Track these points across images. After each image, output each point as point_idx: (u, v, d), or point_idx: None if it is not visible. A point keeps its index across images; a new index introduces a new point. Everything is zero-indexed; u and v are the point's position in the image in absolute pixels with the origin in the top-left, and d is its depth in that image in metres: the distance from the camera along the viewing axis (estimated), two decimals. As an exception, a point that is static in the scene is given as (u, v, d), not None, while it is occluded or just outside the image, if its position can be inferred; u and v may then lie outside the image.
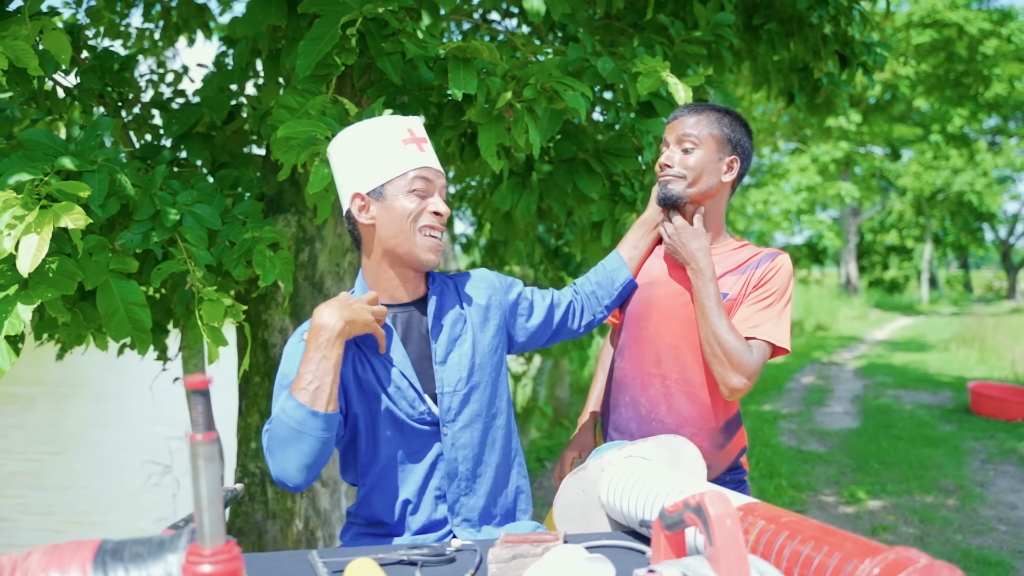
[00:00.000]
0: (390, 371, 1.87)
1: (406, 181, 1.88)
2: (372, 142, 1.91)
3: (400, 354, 1.89)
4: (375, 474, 1.91)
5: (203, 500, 1.07)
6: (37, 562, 1.12)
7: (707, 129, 2.24)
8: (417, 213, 1.86)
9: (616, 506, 1.76)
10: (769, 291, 2.17)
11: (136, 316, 2.53)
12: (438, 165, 1.95)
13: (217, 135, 3.55)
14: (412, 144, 1.91)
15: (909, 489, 5.50)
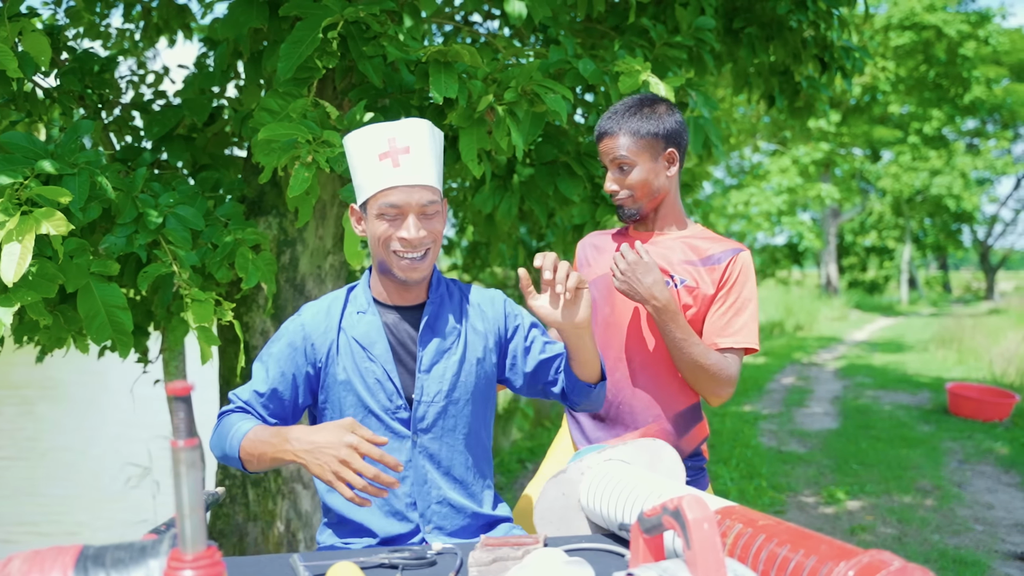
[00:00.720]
0: (373, 365, 1.88)
1: (376, 204, 1.83)
2: (358, 155, 1.87)
3: (384, 350, 1.89)
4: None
5: (185, 506, 1.08)
6: (18, 568, 1.12)
7: (634, 142, 2.22)
8: (386, 239, 1.83)
9: (596, 509, 1.77)
10: (737, 294, 2.22)
11: (117, 319, 2.53)
12: (416, 177, 1.82)
13: (198, 137, 3.55)
14: (388, 159, 1.81)
15: (888, 489, 5.54)
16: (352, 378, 1.88)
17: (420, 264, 1.86)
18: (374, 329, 1.90)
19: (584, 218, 3.61)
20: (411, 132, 1.83)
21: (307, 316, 1.93)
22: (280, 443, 1.65)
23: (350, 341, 1.90)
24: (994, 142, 27.54)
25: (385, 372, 1.88)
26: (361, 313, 1.93)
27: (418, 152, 1.83)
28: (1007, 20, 22.70)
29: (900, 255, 32.95)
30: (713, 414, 8.27)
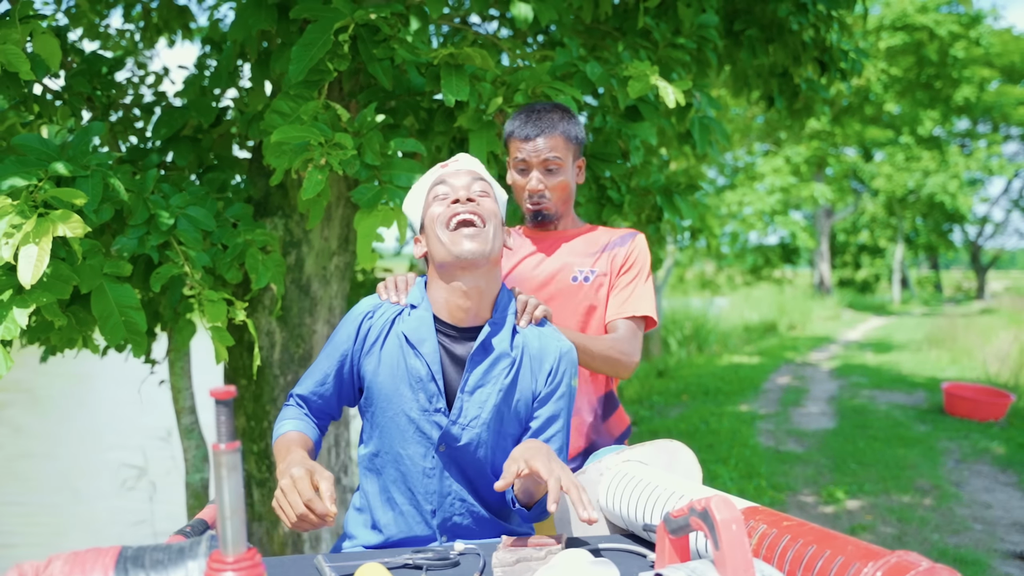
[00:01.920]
0: (418, 363, 1.83)
1: (430, 197, 1.90)
2: (415, 192, 1.97)
3: (433, 349, 1.83)
4: (376, 463, 1.92)
5: (227, 508, 1.10)
6: (59, 569, 1.13)
7: (565, 144, 2.31)
8: (442, 214, 1.84)
9: (615, 510, 1.79)
10: (634, 272, 2.36)
11: (131, 319, 2.54)
12: (465, 167, 1.94)
13: (204, 138, 3.55)
14: (438, 168, 1.95)
15: (886, 489, 5.58)
16: (395, 374, 1.85)
17: (480, 232, 1.81)
18: (425, 326, 1.85)
19: (590, 218, 3.63)
20: (460, 156, 1.99)
21: (368, 307, 1.94)
22: (280, 460, 1.71)
23: (399, 336, 1.87)
24: (985, 143, 27.65)
25: (430, 371, 1.83)
26: (413, 308, 1.89)
27: (466, 161, 1.96)
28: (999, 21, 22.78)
29: (892, 255, 33.05)
30: (710, 413, 8.31)
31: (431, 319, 1.86)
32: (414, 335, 1.84)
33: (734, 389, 10.00)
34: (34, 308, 2.27)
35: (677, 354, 13.73)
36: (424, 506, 1.87)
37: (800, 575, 1.28)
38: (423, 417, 1.84)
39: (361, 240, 2.65)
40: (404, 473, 1.87)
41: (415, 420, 1.84)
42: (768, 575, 1.24)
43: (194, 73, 3.78)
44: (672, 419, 8.19)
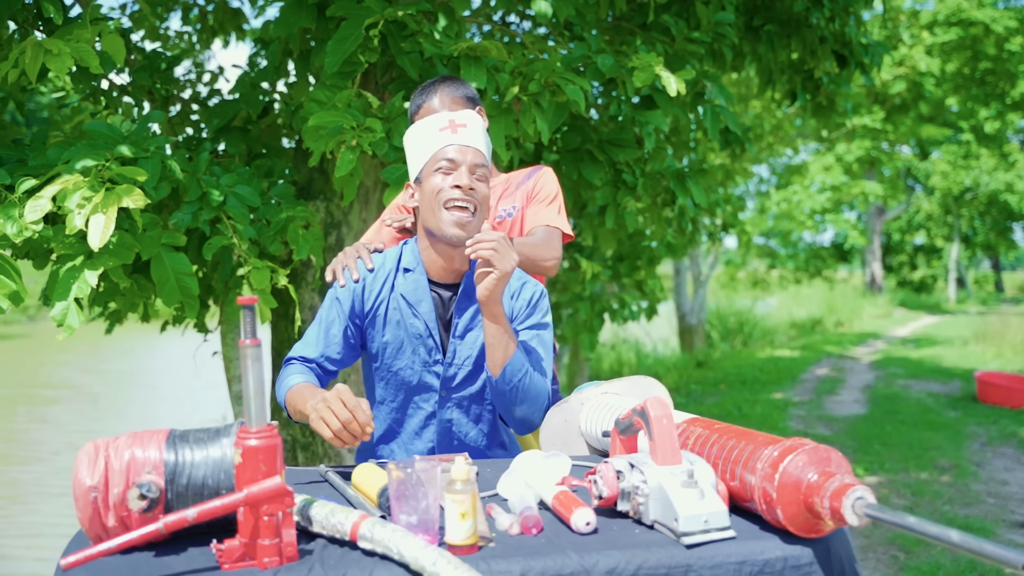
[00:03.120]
0: (416, 321, 2.09)
1: (434, 162, 2.04)
2: (419, 136, 2.11)
3: (429, 309, 2.09)
4: (381, 412, 2.21)
5: (251, 390, 1.40)
6: (124, 442, 1.45)
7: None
8: (440, 189, 2.01)
9: (593, 433, 2.07)
10: (544, 195, 2.59)
11: (185, 284, 2.87)
12: (471, 141, 2.07)
13: (252, 129, 3.89)
14: (447, 131, 2.06)
15: (906, 467, 5.75)
16: (397, 330, 2.10)
17: (470, 220, 2.02)
18: (421, 288, 2.10)
19: (606, 200, 3.90)
20: (470, 118, 2.11)
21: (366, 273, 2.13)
22: (304, 401, 1.88)
23: (398, 297, 2.10)
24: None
25: (427, 328, 2.09)
26: (409, 271, 2.11)
27: (473, 129, 2.10)
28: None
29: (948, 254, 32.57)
30: (744, 400, 8.50)
31: (426, 281, 2.11)
32: (412, 296, 2.10)
33: (771, 379, 10.15)
34: (102, 271, 2.61)
35: (720, 347, 13.87)
36: (424, 448, 2.16)
37: (722, 460, 1.55)
38: (424, 369, 2.12)
39: (388, 205, 2.96)
40: (405, 416, 2.16)
41: (418, 372, 2.12)
42: (693, 461, 1.51)
43: (246, 71, 4.12)
44: (706, 405, 8.41)
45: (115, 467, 1.42)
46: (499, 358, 2.01)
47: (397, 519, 1.43)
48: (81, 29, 2.93)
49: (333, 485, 1.79)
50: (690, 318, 13.42)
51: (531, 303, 2.16)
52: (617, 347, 12.05)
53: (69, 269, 2.56)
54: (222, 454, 1.46)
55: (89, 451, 1.44)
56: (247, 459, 1.38)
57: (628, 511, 1.51)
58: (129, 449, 1.44)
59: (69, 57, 2.72)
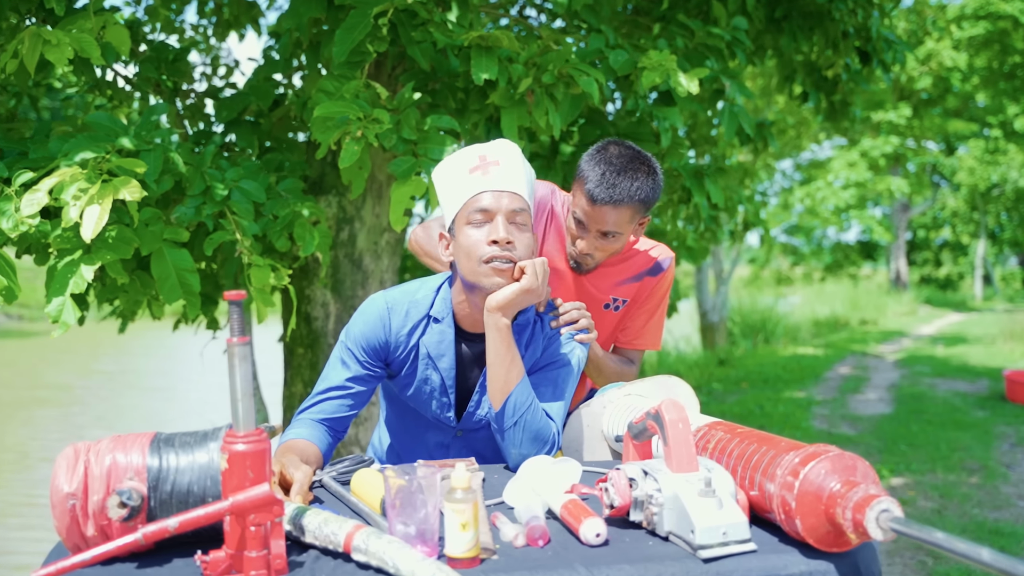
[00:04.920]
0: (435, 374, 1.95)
1: (466, 212, 1.83)
2: (448, 178, 1.90)
3: (450, 365, 1.93)
4: (397, 440, 2.13)
5: (238, 391, 1.32)
6: (106, 446, 1.37)
7: (631, 215, 2.16)
8: (477, 245, 1.80)
9: (614, 436, 1.97)
10: (656, 303, 2.40)
11: (187, 281, 2.80)
12: (507, 183, 1.84)
13: (263, 122, 3.82)
14: (478, 171, 1.84)
15: (933, 468, 5.62)
16: (411, 382, 1.96)
17: (510, 277, 1.82)
18: (446, 341, 1.93)
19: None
20: (501, 149, 1.88)
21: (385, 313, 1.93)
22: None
23: (421, 347, 1.93)
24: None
25: (443, 385, 1.94)
26: (436, 322, 1.94)
27: (508, 165, 1.86)
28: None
29: (974, 251, 32.18)
30: (767, 399, 8.37)
31: (452, 335, 1.93)
32: (435, 350, 1.93)
33: (794, 377, 10.01)
34: (99, 266, 2.54)
35: (742, 345, 13.73)
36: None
37: (741, 466, 1.45)
38: (440, 416, 2.00)
39: (394, 206, 2.88)
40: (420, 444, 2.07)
41: (434, 416, 2.01)
42: (712, 469, 1.41)
43: (261, 64, 4.05)
44: (728, 404, 8.29)
45: (95, 473, 1.34)
46: (499, 383, 1.85)
47: (394, 529, 1.35)
48: (84, 19, 2.86)
49: (330, 491, 1.70)
50: (712, 315, 13.28)
51: (564, 338, 1.99)
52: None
53: (66, 264, 2.50)
54: (209, 459, 1.38)
55: (68, 456, 1.37)
56: (234, 465, 1.29)
57: (641, 521, 1.42)
58: (111, 453, 1.36)
59: (68, 47, 2.66)
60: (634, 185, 2.11)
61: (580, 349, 2.01)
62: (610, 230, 2.15)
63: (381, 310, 1.94)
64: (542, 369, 1.97)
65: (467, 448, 2.04)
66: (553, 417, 1.91)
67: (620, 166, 2.13)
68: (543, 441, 1.86)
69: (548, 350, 1.98)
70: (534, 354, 1.97)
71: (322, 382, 1.96)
